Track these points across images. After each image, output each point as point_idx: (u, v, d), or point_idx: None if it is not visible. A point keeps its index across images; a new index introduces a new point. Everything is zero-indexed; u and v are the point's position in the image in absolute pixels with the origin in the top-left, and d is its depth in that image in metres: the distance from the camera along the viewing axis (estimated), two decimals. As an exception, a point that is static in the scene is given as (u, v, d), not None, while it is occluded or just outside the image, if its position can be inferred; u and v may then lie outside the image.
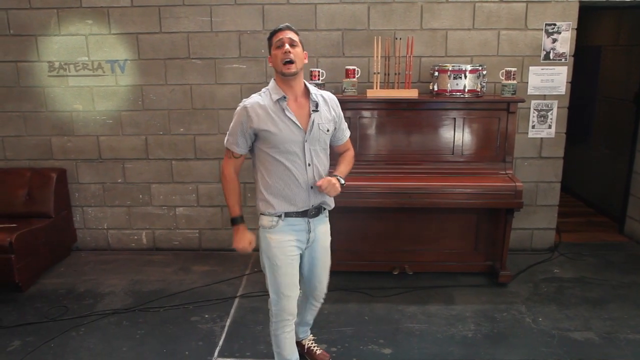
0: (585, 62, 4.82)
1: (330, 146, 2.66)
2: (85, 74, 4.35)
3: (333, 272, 4.05)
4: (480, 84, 3.91)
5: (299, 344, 3.02)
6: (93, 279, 4.18)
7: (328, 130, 2.50)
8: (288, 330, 2.62)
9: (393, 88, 4.01)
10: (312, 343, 3.08)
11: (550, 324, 3.47)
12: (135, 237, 4.69)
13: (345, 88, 3.96)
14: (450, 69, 3.86)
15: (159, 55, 4.29)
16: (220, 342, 3.27)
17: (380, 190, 3.78)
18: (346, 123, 2.72)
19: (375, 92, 3.94)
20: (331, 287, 3.87)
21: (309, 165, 2.44)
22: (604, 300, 3.79)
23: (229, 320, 3.53)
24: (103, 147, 4.50)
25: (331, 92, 4.01)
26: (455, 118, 3.96)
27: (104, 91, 4.39)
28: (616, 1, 4.19)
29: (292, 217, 2.49)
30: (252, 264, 4.39)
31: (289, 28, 2.43)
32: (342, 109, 2.67)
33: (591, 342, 3.25)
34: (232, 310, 3.66)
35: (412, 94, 3.93)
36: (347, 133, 2.72)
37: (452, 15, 4.16)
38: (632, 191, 4.98)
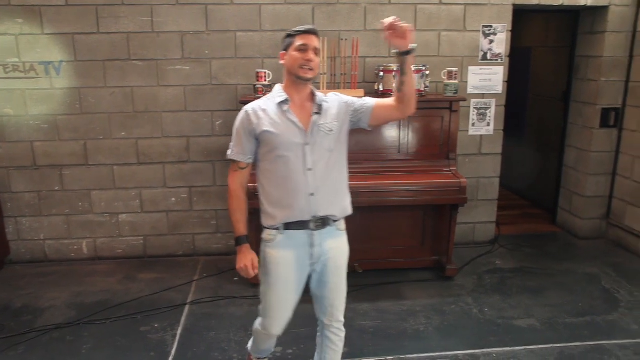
0: (518, 62, 5.05)
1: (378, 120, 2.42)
2: (17, 77, 4.10)
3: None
4: (424, 84, 4.02)
5: None
6: (30, 293, 3.95)
7: (331, 131, 2.30)
8: (267, 334, 2.51)
9: (339, 88, 4.05)
10: None
11: (495, 313, 3.62)
12: (75, 247, 4.47)
13: (292, 89, 3.95)
14: (395, 69, 3.94)
15: (98, 57, 4.12)
16: (173, 352, 3.18)
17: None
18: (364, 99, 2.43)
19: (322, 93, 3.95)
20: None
21: (309, 170, 2.26)
22: (543, 288, 3.99)
23: (180, 329, 3.44)
24: (38, 153, 4.26)
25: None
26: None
27: (38, 94, 4.15)
28: (545, 5, 4.42)
29: (292, 229, 2.30)
30: (201, 269, 4.30)
31: (315, 33, 2.28)
32: None
33: (534, 329, 3.42)
34: (183, 318, 3.57)
35: (358, 94, 3.97)
36: (369, 100, 2.40)
37: (395, 17, 4.23)
38: (562, 184, 5.28)
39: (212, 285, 4.05)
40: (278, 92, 2.32)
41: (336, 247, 2.41)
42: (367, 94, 4.00)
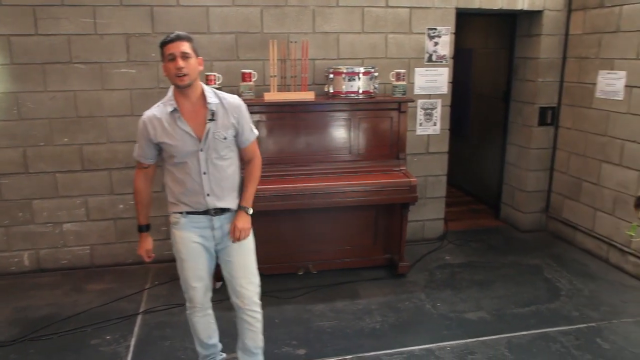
0: (461, 63, 5.21)
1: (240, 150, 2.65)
2: (-54, 81, 3.87)
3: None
4: (373, 86, 4.09)
5: None
6: (-32, 310, 3.74)
7: (225, 138, 2.47)
8: (199, 315, 2.75)
9: (290, 91, 4.06)
10: None
11: (447, 307, 3.73)
12: (16, 260, 4.25)
13: (242, 92, 3.93)
14: (344, 71, 3.99)
15: (36, 60, 3.93)
16: (128, 363, 3.10)
17: (281, 192, 3.80)
18: (252, 125, 2.63)
19: (273, 96, 3.96)
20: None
21: (204, 173, 2.48)
22: (490, 280, 4.15)
23: (133, 340, 3.34)
24: (-28, 162, 4.03)
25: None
26: (351, 119, 4.10)
27: (-30, 100, 3.93)
28: (485, 9, 4.60)
29: (194, 214, 2.56)
30: (152, 277, 4.20)
31: (179, 38, 2.35)
32: None
33: (484, 320, 3.56)
34: (136, 328, 3.48)
35: (308, 96, 4.01)
36: (252, 137, 2.61)
37: (343, 19, 4.30)
38: (505, 180, 5.51)
39: (164, 292, 3.96)
40: (169, 99, 2.46)
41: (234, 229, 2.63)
42: (317, 96, 4.06)
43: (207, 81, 3.84)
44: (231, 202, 2.59)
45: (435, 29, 4.49)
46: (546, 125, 4.99)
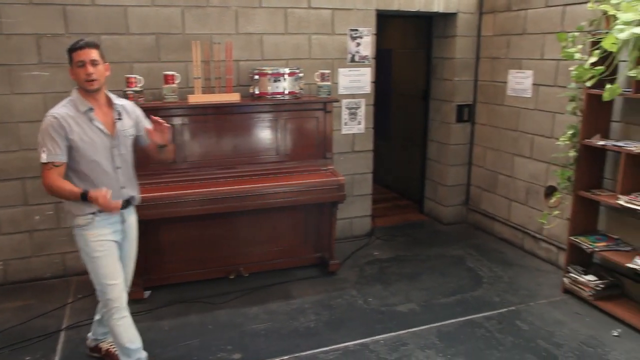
0: (382, 63, 5.36)
1: (144, 148, 2.92)
2: None
3: (168, 285, 3.98)
4: (299, 86, 4.11)
5: (97, 349, 3.12)
6: None
7: (131, 135, 2.77)
8: (118, 317, 2.72)
9: (214, 93, 3.99)
10: (111, 345, 3.07)
11: (379, 302, 3.83)
12: None
13: (165, 94, 3.82)
14: (270, 72, 3.98)
15: None
16: (52, 383, 2.93)
17: (208, 196, 3.74)
18: (147, 121, 2.86)
19: (197, 98, 3.88)
20: (168, 301, 3.77)
21: (118, 168, 2.69)
22: (417, 273, 4.31)
23: (57, 358, 3.16)
24: None
25: (150, 99, 3.89)
26: (277, 120, 4.10)
27: None
28: (403, 11, 4.77)
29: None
30: (75, 290, 3.98)
31: (88, 46, 2.52)
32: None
33: (414, 312, 3.69)
34: (60, 346, 3.28)
35: (234, 97, 3.97)
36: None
37: (266, 20, 4.29)
38: (427, 175, 5.73)
39: (89, 306, 3.75)
40: (80, 100, 2.58)
41: (134, 221, 2.90)
42: (243, 98, 4.04)
43: (128, 84, 3.70)
44: (135, 192, 2.86)
45: (357, 30, 4.59)
46: (463, 122, 5.25)
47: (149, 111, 3.74)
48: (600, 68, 3.26)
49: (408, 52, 6.08)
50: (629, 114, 3.64)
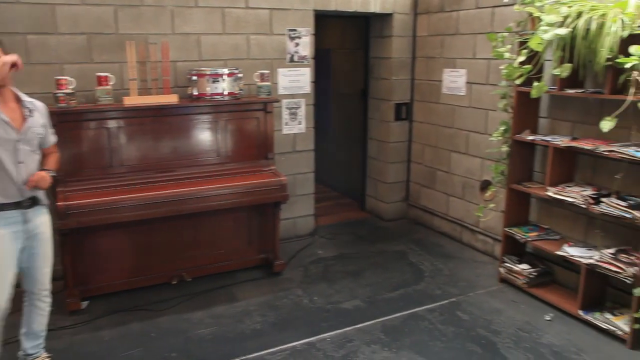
0: (321, 63, 5.39)
1: None
2: None
3: (107, 294, 3.83)
4: (238, 87, 4.08)
5: None
6: None
7: (39, 135, 2.76)
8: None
9: (151, 94, 3.89)
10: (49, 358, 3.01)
11: (324, 300, 3.86)
12: None
13: (99, 97, 3.68)
14: (208, 73, 3.92)
15: None
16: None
17: (147, 200, 3.64)
18: (52, 129, 2.95)
19: (133, 100, 3.77)
20: (108, 310, 3.63)
21: (21, 162, 2.64)
22: (361, 270, 4.38)
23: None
24: None
25: (82, 101, 3.74)
26: (217, 121, 4.05)
27: None
28: (340, 11, 4.82)
29: (5, 209, 2.62)
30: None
31: None
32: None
33: (359, 308, 3.74)
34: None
35: (172, 99, 3.88)
36: (53, 139, 2.96)
37: (203, 20, 4.21)
38: (368, 173, 5.83)
39: (19, 320, 3.57)
40: None
41: (45, 221, 2.83)
42: (181, 99, 3.96)
43: (58, 86, 3.53)
44: (41, 194, 2.79)
45: (295, 30, 4.60)
46: (401, 120, 5.37)
47: (82, 114, 3.66)
48: (528, 67, 3.43)
49: (347, 52, 6.15)
50: (555, 110, 3.85)
